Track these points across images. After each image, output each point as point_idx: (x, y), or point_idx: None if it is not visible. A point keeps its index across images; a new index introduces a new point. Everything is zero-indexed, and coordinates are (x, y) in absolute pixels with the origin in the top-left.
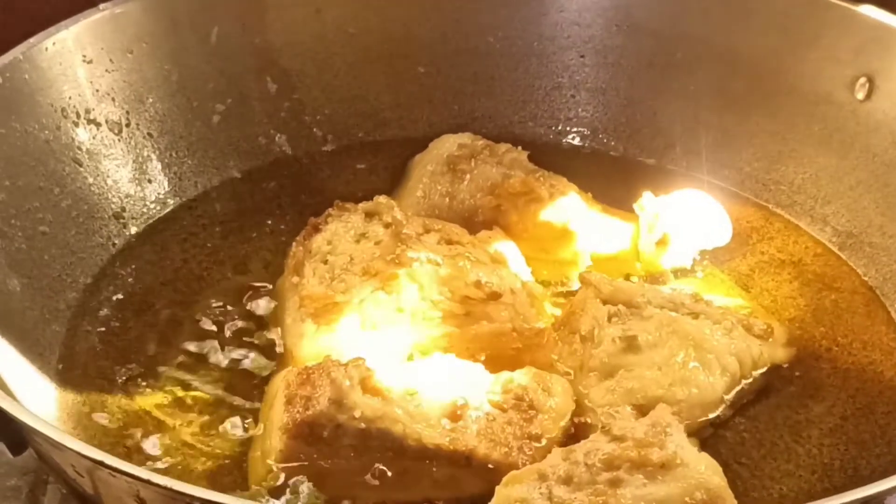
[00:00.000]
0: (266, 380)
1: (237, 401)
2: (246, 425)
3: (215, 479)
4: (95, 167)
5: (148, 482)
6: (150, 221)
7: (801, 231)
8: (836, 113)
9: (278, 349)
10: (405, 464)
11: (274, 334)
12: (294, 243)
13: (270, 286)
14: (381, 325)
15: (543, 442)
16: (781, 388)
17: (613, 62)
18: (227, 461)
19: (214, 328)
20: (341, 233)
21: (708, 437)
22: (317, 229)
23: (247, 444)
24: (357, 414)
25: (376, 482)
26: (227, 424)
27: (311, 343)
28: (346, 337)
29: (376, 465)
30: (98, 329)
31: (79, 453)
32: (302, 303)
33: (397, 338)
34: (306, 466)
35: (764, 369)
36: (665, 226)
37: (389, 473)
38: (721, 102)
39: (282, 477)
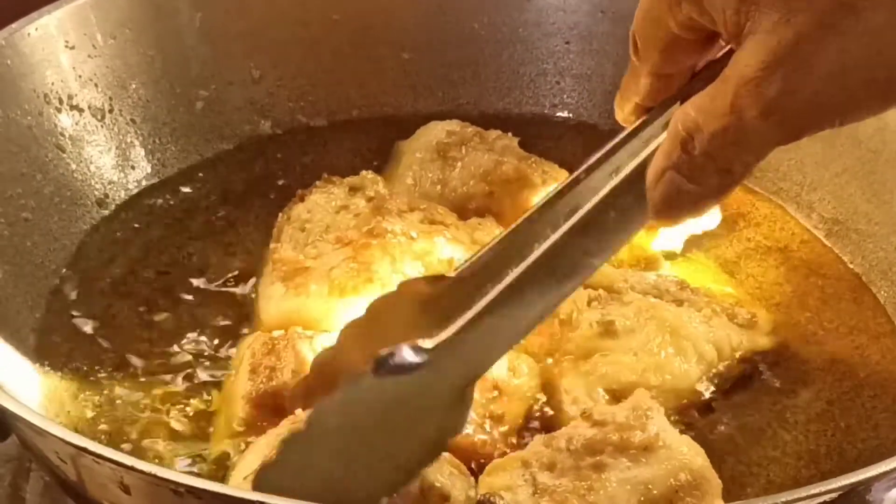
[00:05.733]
0: None
1: (222, 385)
2: None
3: (202, 461)
4: (78, 153)
5: (132, 468)
6: (133, 207)
7: (787, 217)
8: None
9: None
10: None
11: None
12: (280, 214)
13: (254, 270)
14: (349, 294)
15: (506, 423)
16: (767, 372)
17: (599, 48)
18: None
19: (199, 313)
20: (322, 203)
21: (693, 422)
22: (302, 199)
23: None
24: None
25: None
26: (212, 408)
27: (278, 305)
28: (314, 302)
29: None
30: (81, 315)
31: (62, 439)
32: (273, 266)
33: (365, 307)
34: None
35: (744, 357)
36: None
37: None
38: None
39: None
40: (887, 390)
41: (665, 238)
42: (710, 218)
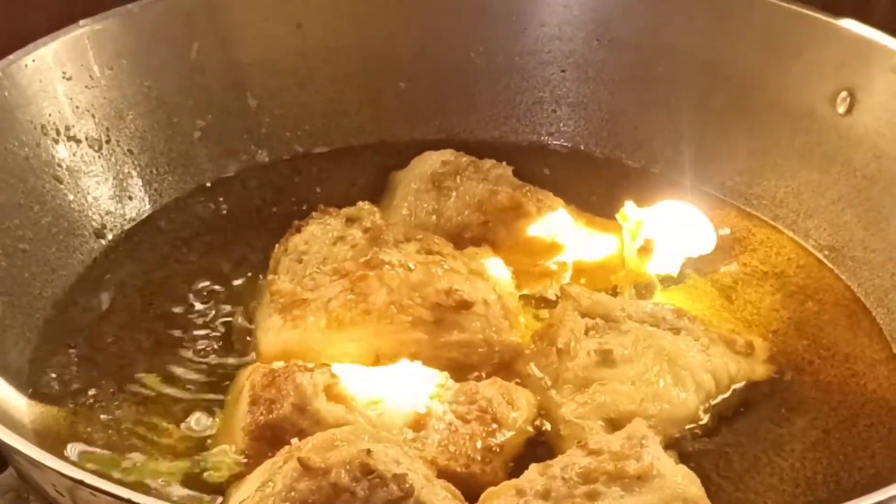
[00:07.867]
0: None
1: (220, 415)
2: None
3: (199, 491)
4: (75, 184)
5: (129, 501)
6: (130, 238)
7: (783, 243)
8: (817, 127)
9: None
10: None
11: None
12: (277, 245)
13: (252, 301)
14: (347, 326)
15: (504, 453)
16: (764, 401)
17: (594, 76)
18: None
19: (196, 344)
20: (318, 234)
21: (691, 450)
22: (298, 230)
23: None
24: (319, 421)
25: None
26: (209, 438)
27: (276, 337)
28: (312, 335)
29: None
30: (78, 346)
31: (59, 472)
32: (271, 298)
33: (363, 339)
34: None
35: (741, 385)
36: (648, 234)
37: None
38: (703, 116)
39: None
40: (883, 419)
41: (661, 262)
42: (705, 241)
